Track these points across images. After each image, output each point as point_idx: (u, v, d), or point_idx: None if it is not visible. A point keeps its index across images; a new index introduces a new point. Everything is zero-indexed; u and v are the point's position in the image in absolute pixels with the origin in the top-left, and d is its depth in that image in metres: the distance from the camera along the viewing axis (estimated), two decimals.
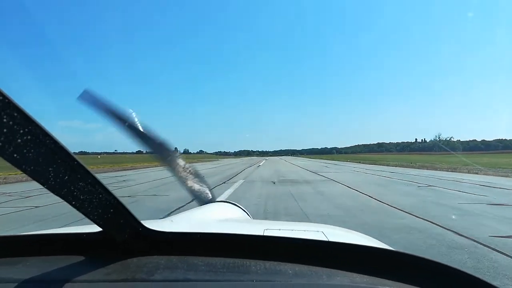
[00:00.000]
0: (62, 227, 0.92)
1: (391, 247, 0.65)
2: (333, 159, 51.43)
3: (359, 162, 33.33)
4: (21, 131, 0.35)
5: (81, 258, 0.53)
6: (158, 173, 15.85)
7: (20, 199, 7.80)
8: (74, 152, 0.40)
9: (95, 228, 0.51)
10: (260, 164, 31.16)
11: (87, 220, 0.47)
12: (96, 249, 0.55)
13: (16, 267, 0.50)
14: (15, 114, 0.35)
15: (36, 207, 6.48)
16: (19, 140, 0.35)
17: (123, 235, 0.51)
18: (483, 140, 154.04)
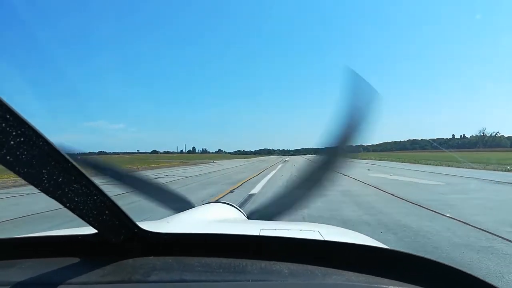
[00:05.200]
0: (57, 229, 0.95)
1: (386, 244, 0.64)
2: (418, 161, 23.14)
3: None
4: (14, 133, 0.35)
5: (77, 260, 0.52)
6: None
7: None
8: (92, 152, 0.39)
9: (90, 230, 0.51)
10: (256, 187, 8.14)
11: (82, 222, 0.47)
12: (92, 251, 0.54)
13: (11, 269, 0.50)
14: (8, 116, 0.34)
15: None
16: (12, 142, 0.35)
17: (118, 237, 0.51)
18: None
